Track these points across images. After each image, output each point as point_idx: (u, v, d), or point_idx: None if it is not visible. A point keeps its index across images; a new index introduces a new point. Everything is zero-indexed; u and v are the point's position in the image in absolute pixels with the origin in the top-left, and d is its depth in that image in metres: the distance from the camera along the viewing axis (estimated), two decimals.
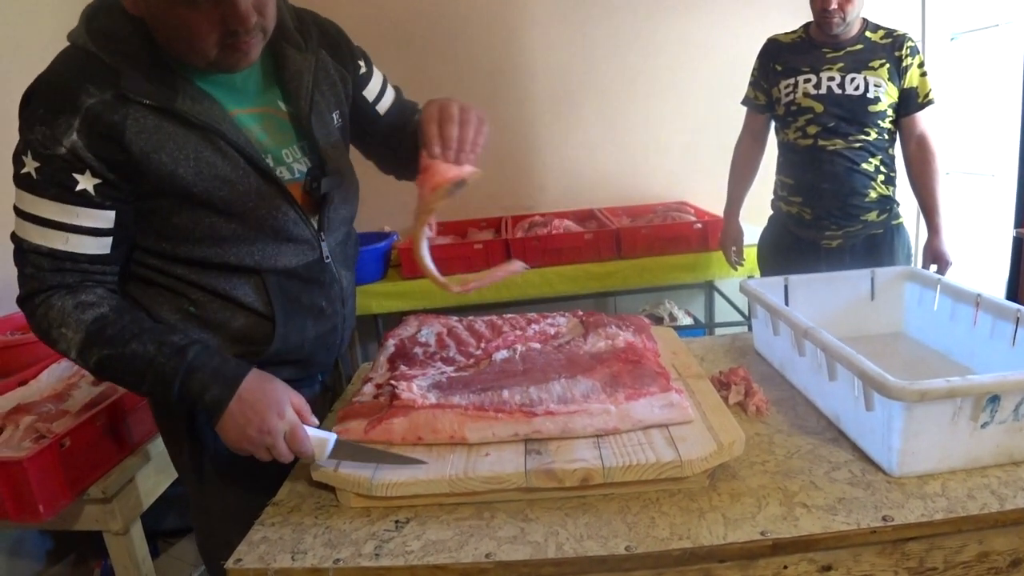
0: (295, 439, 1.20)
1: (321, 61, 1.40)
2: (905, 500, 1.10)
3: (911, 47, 2.42)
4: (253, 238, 1.31)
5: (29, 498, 1.48)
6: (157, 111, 1.19)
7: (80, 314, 1.20)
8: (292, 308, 1.39)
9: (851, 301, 1.80)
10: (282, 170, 1.34)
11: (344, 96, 1.47)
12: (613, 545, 1.03)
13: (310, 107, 1.36)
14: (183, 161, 1.21)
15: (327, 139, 1.40)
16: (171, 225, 1.27)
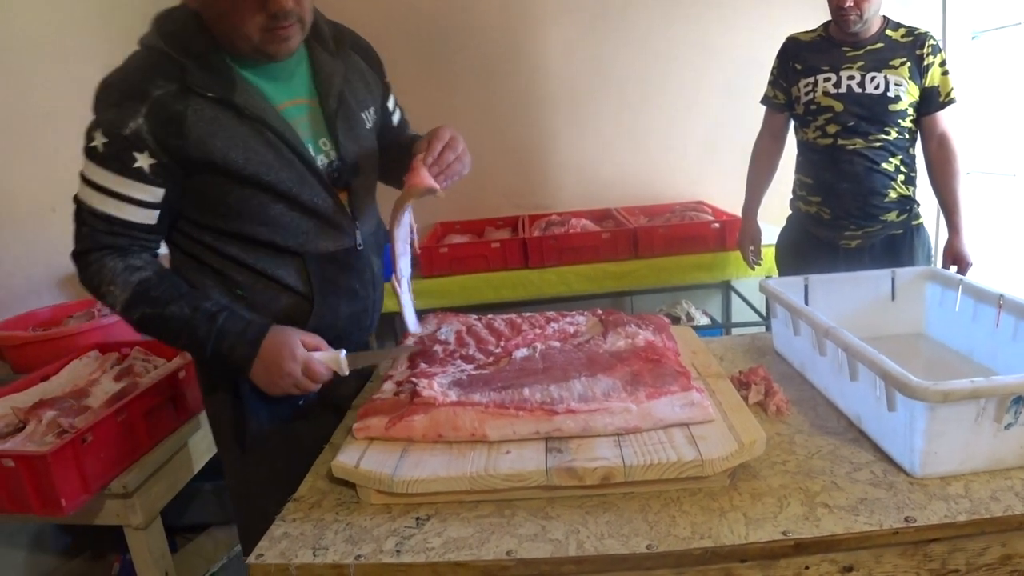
0: (310, 371, 1.40)
1: (353, 64, 1.57)
2: (928, 501, 1.09)
3: (932, 45, 2.40)
4: (298, 222, 1.47)
5: (52, 492, 1.49)
6: (216, 102, 1.36)
7: (128, 276, 1.40)
8: (329, 289, 1.53)
9: (871, 301, 1.79)
10: (320, 158, 1.49)
11: (376, 95, 1.64)
12: (634, 544, 1.03)
13: (337, 104, 1.50)
14: (235, 147, 1.37)
15: (352, 134, 1.53)
16: (226, 204, 1.42)
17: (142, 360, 2.04)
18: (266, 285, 1.49)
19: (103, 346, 2.15)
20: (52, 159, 2.59)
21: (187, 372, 1.91)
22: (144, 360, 2.04)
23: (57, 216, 2.60)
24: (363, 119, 1.57)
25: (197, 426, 1.93)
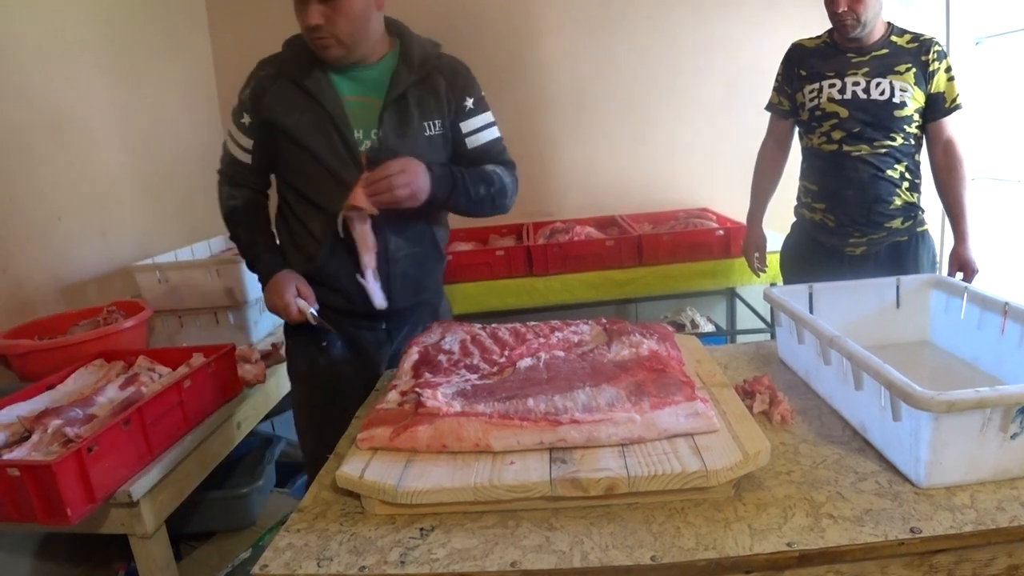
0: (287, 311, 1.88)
1: (430, 81, 1.91)
2: (933, 512, 1.09)
3: (938, 51, 2.40)
4: (329, 185, 1.85)
5: (57, 501, 1.49)
6: (294, 83, 1.85)
7: (227, 201, 2.02)
8: (337, 245, 1.89)
9: (876, 309, 1.79)
10: (367, 142, 1.86)
11: (447, 111, 1.93)
12: (639, 555, 1.03)
13: (394, 105, 1.86)
14: (290, 115, 1.85)
15: (399, 131, 1.86)
16: (286, 159, 1.92)
17: (147, 369, 2.04)
18: (302, 231, 1.95)
19: (108, 354, 2.15)
20: (57, 169, 2.61)
21: (192, 381, 1.91)
22: (149, 369, 2.04)
23: (63, 225, 2.61)
24: (424, 126, 1.90)
25: (203, 435, 1.93)
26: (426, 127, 1.90)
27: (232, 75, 3.89)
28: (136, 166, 3.09)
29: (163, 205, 3.29)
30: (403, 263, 1.96)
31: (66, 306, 2.57)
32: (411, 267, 1.98)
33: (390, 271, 1.93)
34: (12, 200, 2.37)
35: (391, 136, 1.84)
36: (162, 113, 3.35)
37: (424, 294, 2.07)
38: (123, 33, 3.09)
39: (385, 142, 1.84)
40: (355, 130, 1.84)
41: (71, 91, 2.72)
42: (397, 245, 1.94)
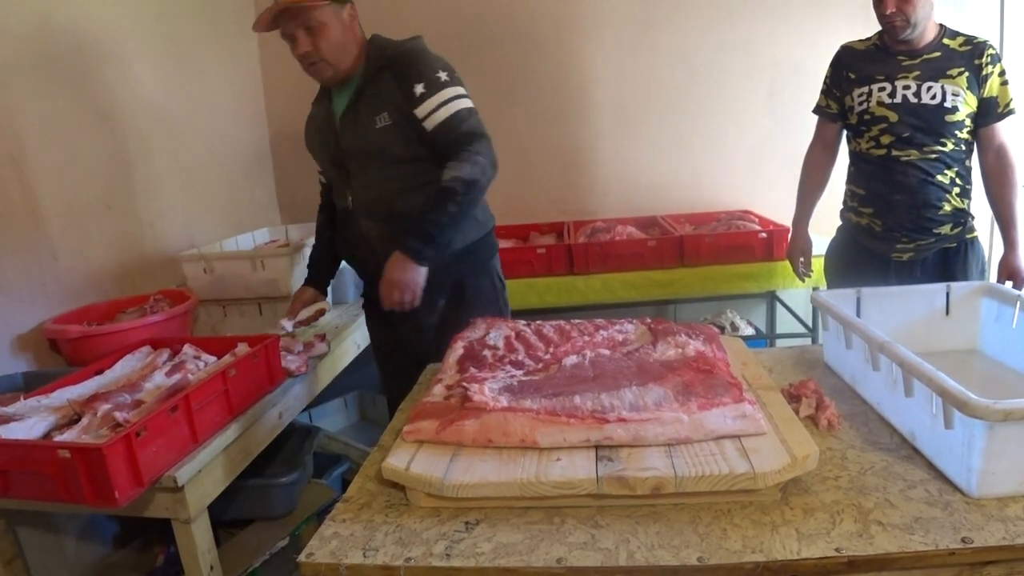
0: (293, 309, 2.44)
1: (377, 78, 2.14)
2: (985, 522, 1.07)
3: (992, 55, 2.35)
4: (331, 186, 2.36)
5: (106, 484, 1.51)
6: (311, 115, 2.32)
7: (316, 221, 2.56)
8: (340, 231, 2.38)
9: (925, 316, 1.76)
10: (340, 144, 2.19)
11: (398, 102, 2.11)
12: (685, 555, 1.03)
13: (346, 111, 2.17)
14: (311, 141, 2.34)
15: (352, 130, 2.17)
16: None
17: (193, 357, 2.07)
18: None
19: (155, 342, 2.18)
20: (108, 158, 2.65)
21: (237, 370, 1.93)
22: (195, 357, 2.07)
23: (112, 213, 2.66)
24: (374, 120, 2.12)
25: (246, 424, 1.95)
26: (376, 120, 2.12)
27: (278, 74, 3.95)
28: (184, 159, 3.13)
29: (209, 198, 3.34)
30: (379, 243, 2.20)
31: (114, 294, 2.61)
32: (388, 246, 2.12)
33: (373, 249, 2.23)
34: (64, 189, 2.41)
35: (348, 136, 2.17)
36: (210, 109, 3.40)
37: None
38: (174, 30, 3.13)
39: (344, 142, 2.18)
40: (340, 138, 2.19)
41: (123, 85, 2.76)
42: (369, 228, 2.24)
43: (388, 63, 2.13)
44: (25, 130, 2.27)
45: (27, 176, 2.26)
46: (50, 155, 2.36)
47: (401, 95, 2.11)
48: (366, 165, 2.18)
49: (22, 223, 2.25)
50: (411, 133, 2.13)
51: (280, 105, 3.99)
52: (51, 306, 2.33)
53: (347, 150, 2.18)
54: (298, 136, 3.93)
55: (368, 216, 2.22)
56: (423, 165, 2.16)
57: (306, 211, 3.94)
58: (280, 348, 2.19)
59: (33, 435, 1.64)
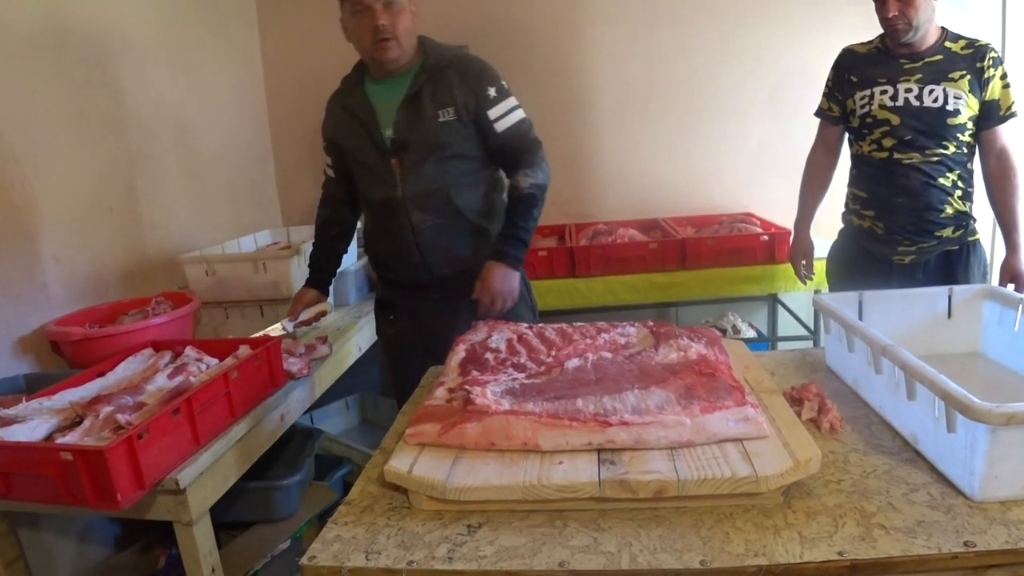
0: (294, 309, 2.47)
1: (443, 76, 2.20)
2: (988, 526, 1.07)
3: (994, 58, 2.35)
4: (364, 175, 2.31)
5: (108, 486, 1.51)
6: (341, 105, 2.31)
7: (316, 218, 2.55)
8: (376, 223, 2.35)
9: (927, 319, 1.76)
10: (387, 133, 2.20)
11: (464, 102, 2.20)
12: (688, 559, 1.03)
13: (407, 101, 2.19)
14: (338, 128, 2.33)
15: (411, 122, 2.18)
16: (350, 165, 2.36)
17: (195, 359, 2.07)
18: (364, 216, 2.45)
19: (157, 344, 2.18)
20: (110, 161, 2.66)
21: (239, 372, 1.93)
22: (197, 359, 2.07)
23: (114, 216, 2.66)
24: (438, 114, 2.17)
25: (248, 426, 1.95)
26: (440, 114, 2.18)
27: (280, 75, 3.96)
28: (186, 161, 3.14)
29: (211, 200, 3.34)
30: (429, 234, 2.24)
31: (116, 296, 2.61)
32: (437, 238, 2.25)
33: (418, 242, 2.25)
34: (66, 191, 2.42)
35: (404, 127, 2.18)
36: (212, 110, 3.40)
37: (462, 264, 2.28)
38: (176, 31, 3.14)
39: (400, 132, 2.19)
40: (383, 128, 2.20)
41: (126, 87, 2.76)
42: (419, 219, 2.23)
43: (450, 63, 2.22)
44: (27, 132, 2.27)
45: (29, 178, 2.26)
46: (52, 157, 2.37)
47: (471, 95, 2.21)
48: (424, 157, 2.20)
49: (24, 225, 2.25)
50: (473, 131, 2.23)
51: (282, 108, 4.00)
52: (53, 308, 2.34)
53: (403, 140, 2.19)
54: (300, 138, 3.99)
55: (421, 208, 2.23)
56: (477, 163, 2.28)
57: (308, 213, 3.95)
58: (282, 350, 2.19)
59: (35, 437, 1.64)
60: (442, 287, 2.31)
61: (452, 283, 2.29)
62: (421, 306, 2.35)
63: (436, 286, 2.31)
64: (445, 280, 2.30)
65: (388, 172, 2.22)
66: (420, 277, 2.30)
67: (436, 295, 2.32)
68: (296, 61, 3.93)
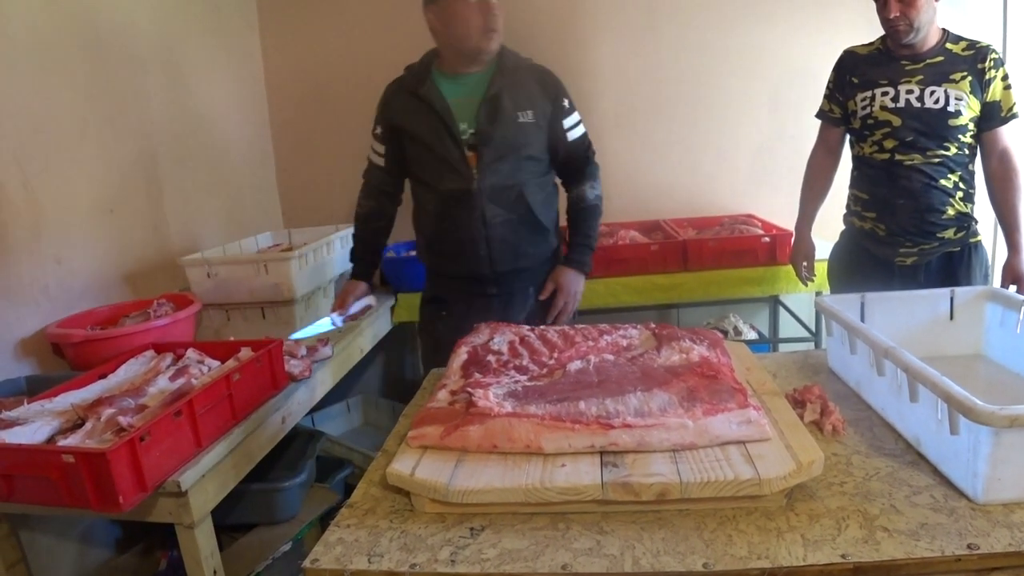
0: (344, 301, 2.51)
1: (522, 81, 2.37)
2: (991, 528, 1.07)
3: (995, 59, 2.35)
4: (435, 165, 2.35)
5: (110, 489, 1.51)
6: (411, 94, 2.36)
7: (357, 207, 2.58)
8: (444, 215, 2.37)
9: (929, 321, 1.76)
10: (469, 132, 2.31)
11: (543, 107, 2.38)
12: (691, 562, 1.02)
13: (487, 101, 2.31)
14: (408, 117, 2.36)
15: (492, 120, 2.30)
16: (409, 153, 2.41)
17: (197, 361, 2.07)
18: (420, 207, 2.47)
19: (158, 346, 2.18)
20: (111, 163, 2.65)
21: (241, 375, 1.93)
22: (199, 361, 2.07)
23: (115, 218, 2.66)
24: (517, 115, 2.32)
25: (250, 428, 1.95)
26: (519, 115, 2.32)
27: (281, 76, 3.96)
28: (186, 162, 3.14)
29: (212, 202, 3.34)
30: (499, 228, 2.35)
31: (117, 298, 2.61)
32: (507, 232, 2.36)
33: (488, 235, 2.35)
34: (66, 192, 2.42)
35: (484, 125, 2.29)
36: (212, 110, 3.40)
37: (526, 261, 2.45)
38: (176, 31, 3.14)
39: (481, 129, 2.29)
40: (459, 122, 2.30)
41: (125, 86, 2.76)
42: (493, 213, 2.33)
43: (529, 70, 2.41)
44: (28, 134, 2.27)
45: (30, 180, 2.26)
46: (54, 159, 2.37)
47: (549, 102, 2.39)
48: (502, 153, 2.31)
49: (25, 227, 2.25)
50: (545, 136, 2.39)
51: (283, 109, 3.99)
52: (54, 310, 2.34)
53: (485, 136, 2.29)
54: (301, 139, 3.99)
55: (495, 202, 2.33)
56: (544, 166, 2.44)
57: (309, 215, 3.96)
58: (283, 352, 2.19)
59: (37, 439, 1.64)
60: (499, 282, 2.44)
61: (510, 279, 2.44)
62: (476, 300, 2.45)
63: (494, 281, 2.43)
64: (504, 276, 2.43)
65: (464, 165, 2.31)
66: (482, 270, 2.40)
67: (493, 290, 2.45)
68: (297, 62, 3.93)
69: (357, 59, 3.87)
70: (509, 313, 2.44)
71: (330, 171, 4.02)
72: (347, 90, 3.91)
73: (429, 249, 2.51)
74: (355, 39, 3.86)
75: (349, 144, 3.95)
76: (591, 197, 2.52)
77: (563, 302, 2.46)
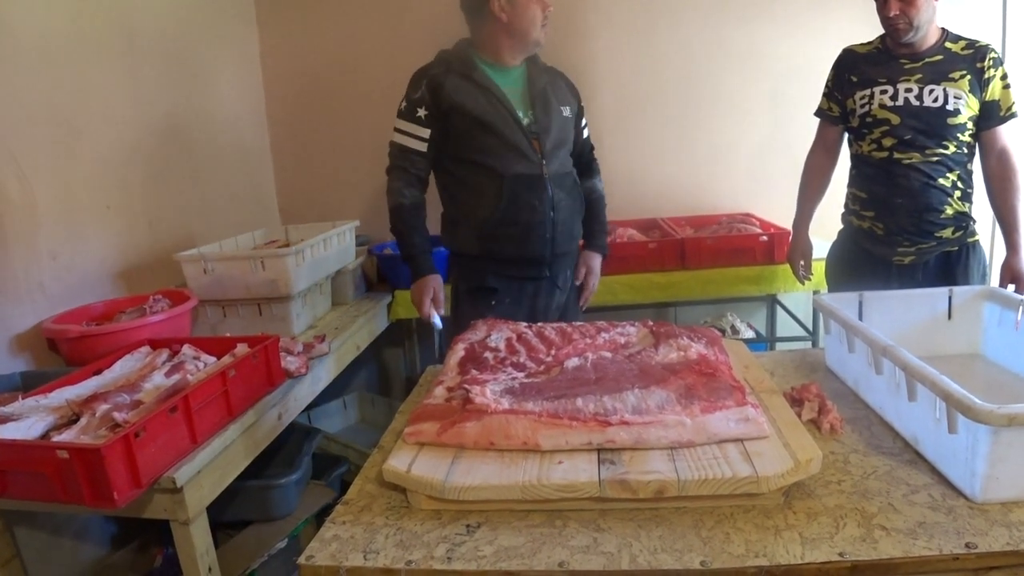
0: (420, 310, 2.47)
1: (557, 79, 2.56)
2: (989, 527, 1.07)
3: (994, 58, 2.35)
4: (501, 150, 2.37)
5: (104, 485, 1.50)
6: (464, 77, 2.38)
7: (397, 196, 2.44)
8: (515, 198, 2.39)
9: (927, 320, 1.76)
10: (526, 119, 2.41)
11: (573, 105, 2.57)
12: (688, 559, 1.02)
13: (540, 92, 2.45)
14: (469, 99, 2.36)
15: (546, 110, 2.43)
16: (460, 135, 2.39)
17: (192, 357, 2.06)
18: (472, 193, 2.44)
19: (154, 342, 2.17)
20: (107, 158, 2.64)
21: (236, 371, 1.92)
22: (195, 357, 2.06)
23: (112, 213, 2.65)
24: (560, 109, 2.48)
25: (245, 424, 1.94)
26: (563, 109, 2.50)
27: (278, 73, 3.94)
28: (183, 158, 3.13)
29: (209, 197, 3.33)
30: (563, 212, 2.47)
31: (113, 293, 2.60)
32: (568, 216, 2.50)
33: (555, 218, 2.44)
34: (62, 188, 2.41)
35: (541, 115, 2.42)
36: (210, 107, 3.39)
37: (574, 244, 2.62)
38: (175, 27, 3.12)
39: (537, 118, 2.42)
40: (517, 109, 2.40)
41: (122, 81, 2.75)
42: (559, 197, 2.44)
43: (550, 70, 2.59)
44: (25, 129, 2.26)
45: (26, 174, 2.25)
46: (50, 154, 2.36)
47: (575, 101, 2.60)
48: (558, 143, 2.47)
49: (21, 222, 2.24)
50: (574, 131, 2.59)
51: (280, 106, 3.98)
52: (50, 305, 2.32)
53: (542, 124, 2.42)
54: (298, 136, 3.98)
55: (559, 187, 2.46)
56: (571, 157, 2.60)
57: (306, 212, 3.96)
58: (280, 349, 2.18)
59: (31, 435, 1.63)
60: (552, 264, 2.53)
61: (561, 260, 2.56)
62: (527, 285, 2.53)
63: (549, 263, 2.52)
64: (558, 257, 2.53)
65: (532, 151, 2.39)
66: (543, 252, 2.47)
67: (546, 272, 2.53)
68: (295, 59, 3.92)
69: (355, 56, 3.86)
70: (552, 295, 2.59)
71: (327, 168, 4.01)
72: (345, 87, 3.90)
73: (486, 235, 2.42)
74: (353, 37, 3.85)
75: (346, 141, 3.96)
76: (600, 188, 2.75)
77: (593, 283, 2.71)
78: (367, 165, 3.78)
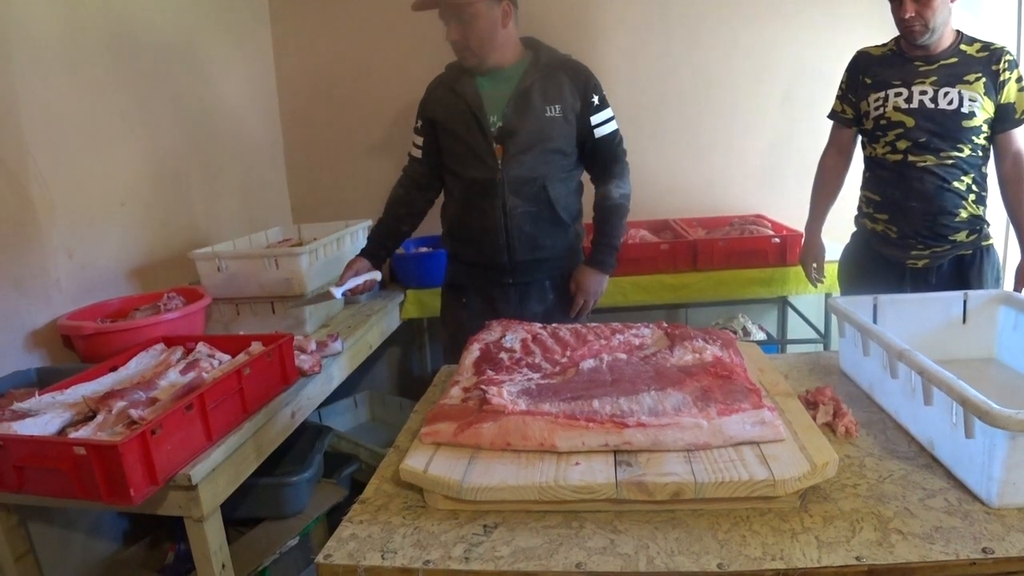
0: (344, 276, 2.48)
1: (554, 76, 2.43)
2: (1006, 533, 1.07)
3: (1009, 61, 2.35)
4: (464, 155, 2.44)
5: (121, 481, 1.51)
6: (448, 88, 2.46)
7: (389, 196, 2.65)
8: (468, 203, 2.48)
9: (941, 323, 1.75)
10: (496, 122, 2.39)
11: (572, 102, 2.43)
12: (705, 562, 1.02)
13: (520, 93, 2.38)
14: (441, 109, 2.47)
15: (519, 113, 2.37)
16: (443, 145, 2.51)
17: (207, 355, 2.07)
18: (448, 195, 2.58)
19: (169, 339, 2.19)
20: (123, 156, 2.66)
21: (251, 369, 1.93)
22: (209, 355, 2.07)
23: (126, 210, 2.66)
24: (545, 108, 2.38)
25: (260, 422, 1.95)
26: (547, 109, 2.39)
27: (291, 71, 3.95)
28: (197, 155, 3.14)
29: (223, 195, 3.34)
30: (519, 219, 2.42)
31: (128, 291, 2.62)
32: (526, 223, 2.43)
33: (508, 224, 2.43)
34: (78, 185, 2.42)
35: (512, 118, 2.37)
36: (223, 104, 3.40)
37: (543, 253, 2.50)
38: (189, 27, 3.14)
39: (508, 122, 2.37)
40: (489, 115, 2.39)
41: (138, 81, 2.77)
42: (513, 203, 2.41)
43: (561, 66, 2.46)
44: (43, 128, 2.27)
45: (43, 173, 2.26)
46: (67, 152, 2.37)
47: (579, 98, 2.44)
48: (527, 146, 2.39)
49: (38, 220, 2.25)
50: (574, 130, 2.46)
51: (293, 104, 4.00)
52: (65, 302, 2.34)
53: (510, 129, 2.37)
54: (311, 135, 3.99)
55: (516, 193, 2.41)
56: (572, 160, 2.50)
57: (318, 211, 3.97)
58: (294, 347, 2.19)
59: (48, 431, 1.65)
60: (515, 272, 2.50)
61: (526, 269, 2.50)
62: (494, 289, 2.54)
63: (511, 270, 2.50)
64: (521, 265, 2.49)
65: (491, 155, 2.39)
66: (500, 259, 2.47)
67: (509, 279, 2.52)
68: (308, 57, 3.93)
69: (368, 55, 3.87)
70: (526, 304, 2.54)
71: (340, 167, 4.02)
72: (357, 87, 3.92)
73: (451, 235, 2.59)
74: (366, 36, 3.86)
75: (359, 141, 3.97)
76: (616, 196, 2.53)
77: (582, 301, 2.54)
78: (379, 164, 3.79)
